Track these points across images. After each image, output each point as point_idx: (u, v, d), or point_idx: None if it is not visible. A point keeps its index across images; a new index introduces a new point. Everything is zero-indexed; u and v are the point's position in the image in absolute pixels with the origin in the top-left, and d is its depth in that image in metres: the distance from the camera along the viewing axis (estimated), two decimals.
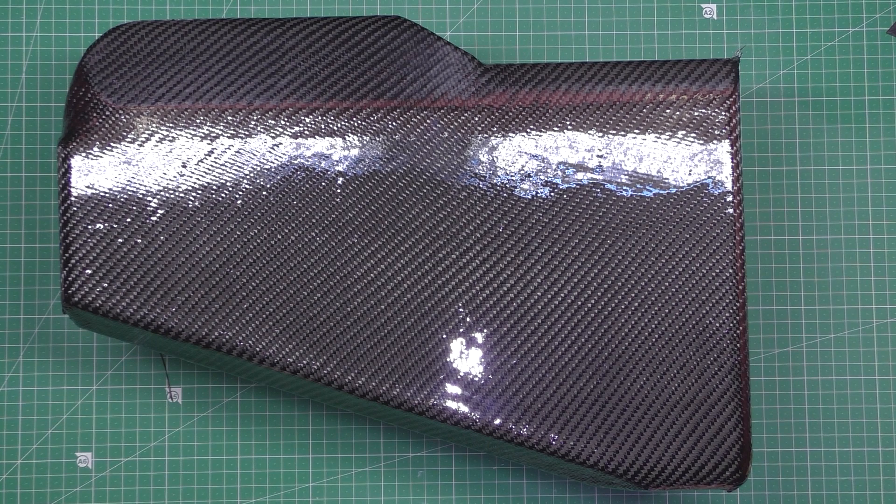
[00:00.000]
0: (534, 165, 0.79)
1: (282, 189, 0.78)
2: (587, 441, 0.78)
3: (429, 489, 0.84)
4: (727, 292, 0.79)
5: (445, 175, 0.79)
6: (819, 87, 0.86)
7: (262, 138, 0.79)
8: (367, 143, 0.79)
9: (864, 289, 0.85)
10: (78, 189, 0.77)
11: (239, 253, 0.78)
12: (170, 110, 0.78)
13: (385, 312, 0.78)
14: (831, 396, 0.85)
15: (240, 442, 0.84)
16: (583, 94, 0.80)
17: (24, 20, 0.85)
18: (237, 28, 0.79)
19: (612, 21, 0.86)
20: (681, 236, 0.79)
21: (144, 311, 0.77)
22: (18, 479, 0.83)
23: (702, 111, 0.80)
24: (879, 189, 0.85)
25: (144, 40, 0.79)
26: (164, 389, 0.84)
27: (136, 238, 0.77)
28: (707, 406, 0.78)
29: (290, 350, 0.77)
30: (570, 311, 0.79)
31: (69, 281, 0.76)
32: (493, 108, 0.80)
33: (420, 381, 0.78)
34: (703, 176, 0.79)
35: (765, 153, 0.85)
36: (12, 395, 0.83)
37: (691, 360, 0.78)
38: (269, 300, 0.78)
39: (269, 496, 0.84)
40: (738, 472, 0.78)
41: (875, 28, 0.86)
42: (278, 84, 0.79)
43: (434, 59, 0.80)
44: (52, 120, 0.84)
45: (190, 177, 0.78)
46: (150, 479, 0.83)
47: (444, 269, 0.79)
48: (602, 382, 0.78)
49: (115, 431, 0.83)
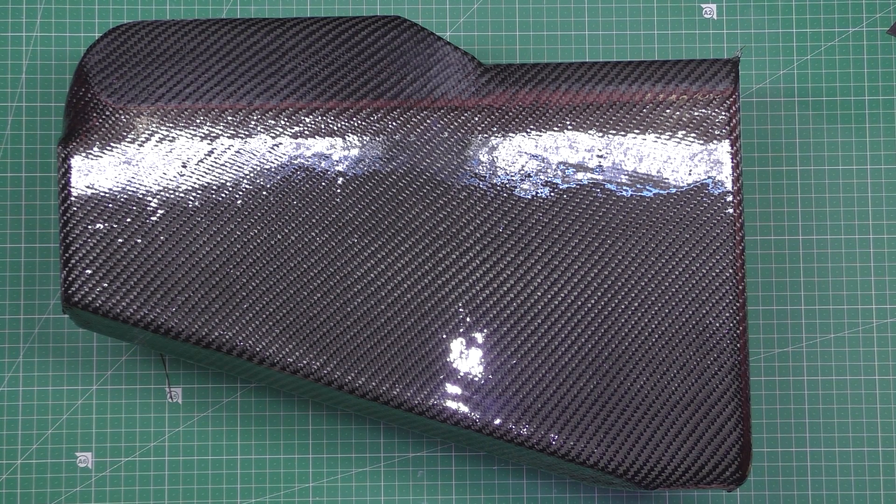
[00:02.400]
0: (534, 165, 0.79)
1: (282, 189, 0.78)
2: (587, 441, 0.78)
3: (429, 489, 0.84)
4: (727, 292, 0.79)
5: (445, 175, 0.79)
6: (819, 87, 0.86)
7: (262, 138, 0.79)
8: (367, 143, 0.79)
9: (864, 289, 0.85)
10: (78, 189, 0.77)
11: (239, 253, 0.78)
12: (170, 110, 0.78)
13: (385, 312, 0.78)
14: (831, 396, 0.85)
15: (240, 442, 0.84)
16: (583, 94, 0.80)
17: (24, 20, 0.85)
18: (237, 28, 0.79)
19: (612, 21, 0.86)
20: (681, 236, 0.79)
21: (144, 311, 0.77)
22: (18, 479, 0.83)
23: (702, 111, 0.80)
24: (879, 189, 0.85)
25: (144, 40, 0.79)
26: (164, 389, 0.84)
27: (136, 238, 0.77)
28: (707, 406, 0.78)
29: (290, 350, 0.77)
30: (570, 311, 0.79)
31: (69, 281, 0.76)
32: (493, 108, 0.80)
33: (420, 381, 0.78)
34: (703, 176, 0.79)
35: (765, 153, 0.85)
36: (12, 395, 0.83)
37: (691, 360, 0.78)
38: (269, 300, 0.78)
39: (269, 496, 0.84)
40: (738, 472, 0.78)
41: (875, 28, 0.86)
42: (278, 84, 0.79)
43: (434, 59, 0.80)
44: (52, 120, 0.84)
45: (190, 177, 0.78)
46: (150, 479, 0.83)
47: (444, 269, 0.79)
48: (602, 382, 0.78)
49: (115, 431, 0.83)
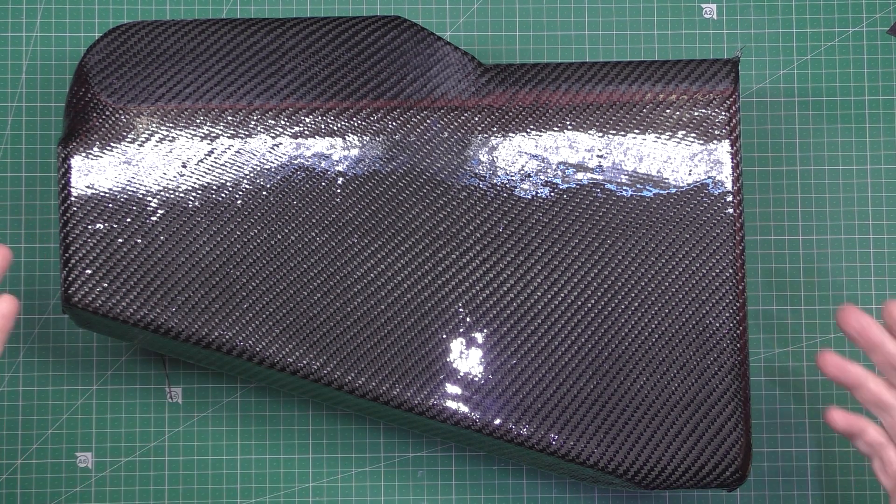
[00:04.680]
0: (534, 165, 0.79)
1: (282, 189, 0.78)
2: (587, 441, 0.78)
3: (429, 489, 0.84)
4: (727, 292, 0.79)
5: (445, 175, 0.79)
6: (819, 87, 0.86)
7: (262, 138, 0.79)
8: (367, 143, 0.79)
9: (864, 289, 0.85)
10: (78, 189, 0.77)
11: (239, 253, 0.78)
12: (170, 110, 0.78)
13: (385, 312, 0.78)
14: (831, 396, 0.85)
15: (240, 442, 0.84)
16: (583, 94, 0.80)
17: (24, 20, 0.85)
18: (237, 28, 0.79)
19: (612, 21, 0.86)
20: (681, 236, 0.79)
21: (144, 311, 0.77)
22: (18, 479, 0.83)
23: (702, 111, 0.80)
24: (879, 189, 0.85)
25: (144, 40, 0.79)
26: (164, 389, 0.84)
27: (136, 238, 0.77)
28: (707, 406, 0.78)
29: (290, 350, 0.77)
30: (570, 311, 0.79)
31: (69, 281, 0.76)
32: (493, 108, 0.80)
33: (420, 381, 0.78)
34: (703, 176, 0.79)
35: (765, 153, 0.86)
36: (12, 395, 0.83)
37: (691, 360, 0.78)
38: (269, 300, 0.78)
39: (269, 496, 0.84)
40: (738, 473, 0.78)
41: (875, 28, 0.86)
42: (278, 84, 0.79)
43: (434, 59, 0.80)
44: (52, 120, 0.84)
45: (190, 177, 0.78)
46: (150, 479, 0.83)
47: (444, 269, 0.79)
48: (602, 382, 0.78)
49: (115, 431, 0.83)
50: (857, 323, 0.74)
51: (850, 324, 0.74)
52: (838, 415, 0.75)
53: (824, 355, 0.75)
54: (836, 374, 0.74)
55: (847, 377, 0.74)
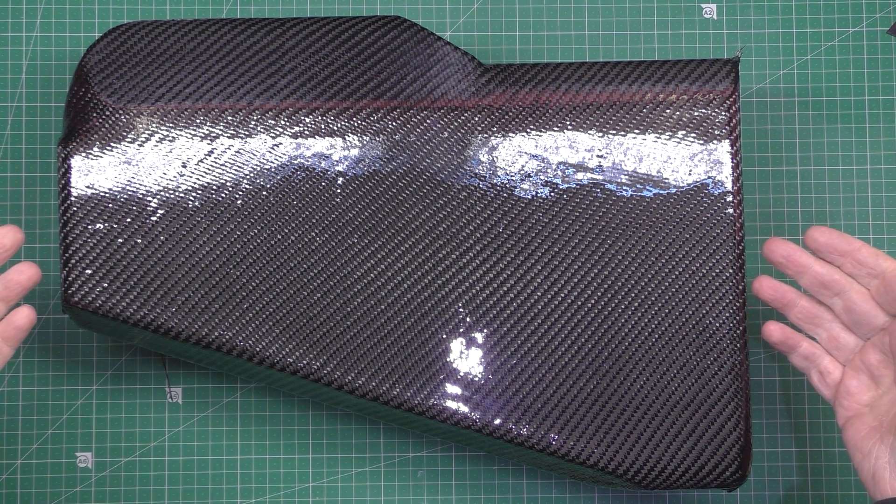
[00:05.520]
0: (534, 165, 0.79)
1: (282, 189, 0.78)
2: (587, 441, 0.78)
3: (429, 489, 0.84)
4: (727, 292, 0.79)
5: (445, 175, 0.79)
6: (819, 87, 0.86)
7: (262, 138, 0.79)
8: (367, 143, 0.79)
9: None
10: (78, 189, 0.77)
11: (239, 253, 0.78)
12: (170, 110, 0.78)
13: (385, 312, 0.78)
14: None
15: (240, 442, 0.84)
16: (583, 94, 0.80)
17: (24, 20, 0.85)
18: (237, 28, 0.79)
19: (612, 21, 0.86)
20: (681, 236, 0.79)
21: (144, 311, 0.77)
22: (18, 479, 0.83)
23: (702, 111, 0.80)
24: (879, 189, 0.85)
25: (144, 40, 0.79)
26: (164, 389, 0.84)
27: (136, 238, 0.77)
28: (707, 406, 0.78)
29: (290, 350, 0.77)
30: (570, 311, 0.79)
31: (69, 281, 0.76)
32: (493, 108, 0.80)
33: (420, 381, 0.78)
34: (703, 176, 0.79)
35: (765, 153, 0.85)
36: (12, 395, 0.83)
37: (691, 360, 0.78)
38: (269, 300, 0.78)
39: (269, 496, 0.84)
40: (738, 473, 0.78)
41: (875, 28, 0.86)
42: (278, 84, 0.79)
43: (434, 59, 0.80)
44: (52, 120, 0.84)
45: (190, 177, 0.78)
46: (150, 479, 0.83)
47: (444, 269, 0.79)
48: (602, 382, 0.78)
49: (115, 431, 0.83)
50: (783, 250, 0.76)
51: (777, 252, 0.77)
52: (775, 327, 0.78)
53: (760, 279, 0.77)
54: (773, 294, 0.77)
55: (784, 296, 0.77)
